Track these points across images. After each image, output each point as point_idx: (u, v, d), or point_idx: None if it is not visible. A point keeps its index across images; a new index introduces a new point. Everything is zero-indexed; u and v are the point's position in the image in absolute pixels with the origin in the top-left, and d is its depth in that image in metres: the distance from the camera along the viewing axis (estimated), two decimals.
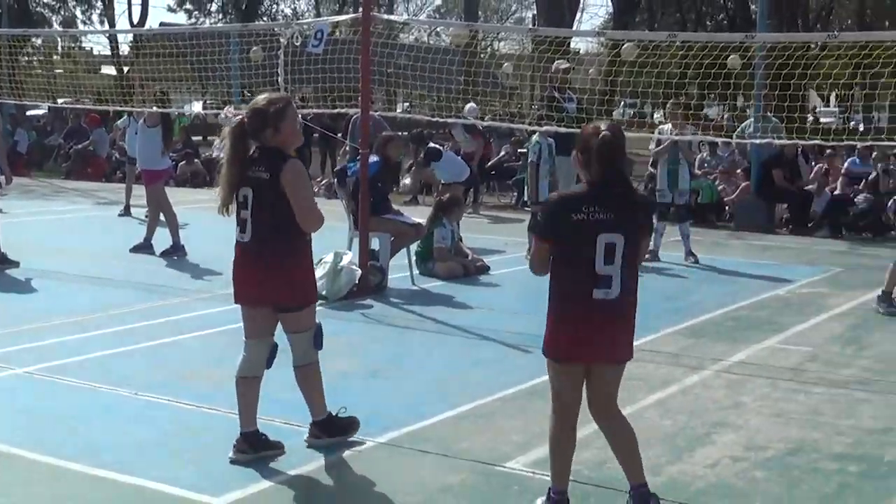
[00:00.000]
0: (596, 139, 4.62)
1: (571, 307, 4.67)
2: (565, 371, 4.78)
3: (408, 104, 36.99)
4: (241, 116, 5.67)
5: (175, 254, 13.25)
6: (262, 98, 5.66)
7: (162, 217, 13.56)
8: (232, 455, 5.67)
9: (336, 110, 14.90)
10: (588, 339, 4.67)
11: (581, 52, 54.78)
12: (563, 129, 12.81)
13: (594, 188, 4.67)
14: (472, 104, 18.69)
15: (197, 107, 27.39)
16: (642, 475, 4.87)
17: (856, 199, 17.80)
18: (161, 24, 51.58)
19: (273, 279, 5.56)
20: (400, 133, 16.01)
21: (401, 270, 11.82)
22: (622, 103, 39.41)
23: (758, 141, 16.74)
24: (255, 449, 5.67)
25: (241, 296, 5.73)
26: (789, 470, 5.82)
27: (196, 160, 24.52)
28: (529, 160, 13.43)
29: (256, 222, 5.58)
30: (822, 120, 36.05)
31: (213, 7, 65.49)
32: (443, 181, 15.55)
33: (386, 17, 14.39)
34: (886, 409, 7.11)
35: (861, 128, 37.77)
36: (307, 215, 5.52)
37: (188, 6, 65.57)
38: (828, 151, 19.69)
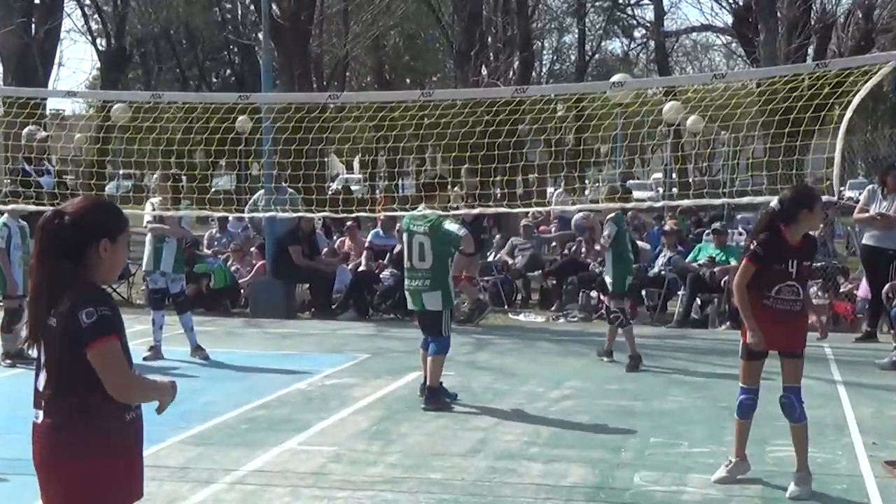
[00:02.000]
0: None
1: None
2: None
3: None
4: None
5: None
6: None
7: None
8: None
9: None
10: None
11: (67, 113, 53.75)
12: (33, 207, 12.46)
13: None
14: None
15: None
16: None
17: (381, 276, 18.78)
18: None
19: None
20: None
21: None
22: (118, 175, 39.12)
23: (264, 214, 17.32)
24: None
25: None
26: None
27: None
28: None
29: None
30: (353, 188, 38.00)
31: None
32: None
33: None
34: None
35: (381, 196, 40.17)
36: None
37: None
38: (349, 223, 20.66)
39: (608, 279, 13.48)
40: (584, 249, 19.92)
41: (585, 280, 18.58)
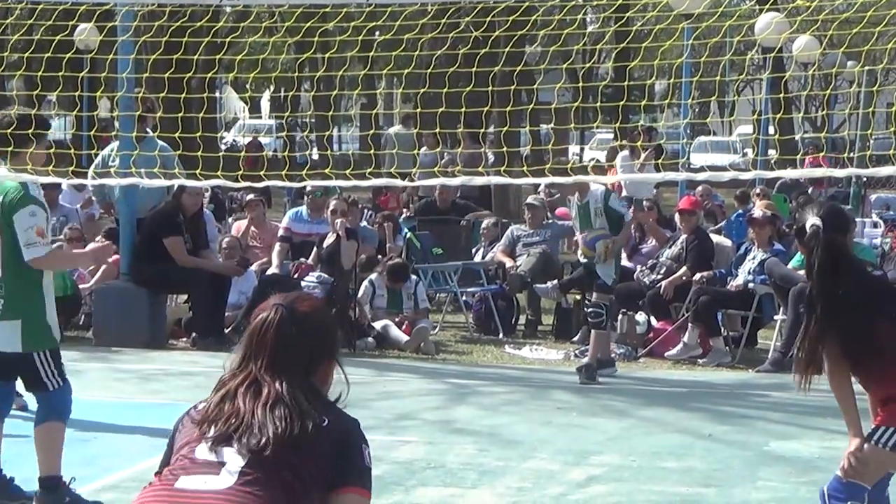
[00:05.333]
0: None
1: None
2: None
3: None
4: None
5: None
6: None
7: None
8: None
9: None
10: None
11: None
12: None
13: None
14: None
15: None
16: None
17: (304, 282, 18.78)
18: None
19: None
20: None
21: None
22: None
23: (120, 181, 17.30)
24: None
25: None
26: None
27: None
28: None
29: None
30: (261, 140, 38.22)
31: None
32: None
33: None
34: None
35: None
36: None
37: None
38: (251, 198, 20.70)
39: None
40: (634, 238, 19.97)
41: (628, 294, 18.53)
